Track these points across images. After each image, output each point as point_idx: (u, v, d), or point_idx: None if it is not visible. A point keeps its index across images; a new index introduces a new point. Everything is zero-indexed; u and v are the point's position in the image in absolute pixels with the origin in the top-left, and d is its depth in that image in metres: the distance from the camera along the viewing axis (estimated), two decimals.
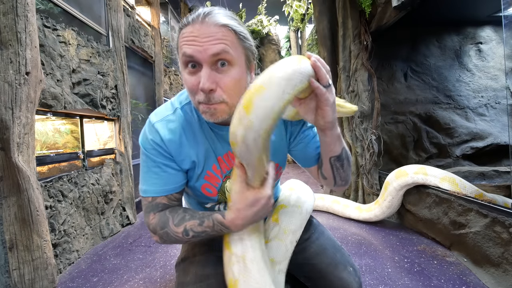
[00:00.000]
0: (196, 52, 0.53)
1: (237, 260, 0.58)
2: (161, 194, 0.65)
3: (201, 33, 0.53)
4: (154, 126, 0.64)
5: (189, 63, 0.55)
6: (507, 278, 1.21)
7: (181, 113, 0.66)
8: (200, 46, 0.52)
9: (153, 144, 0.63)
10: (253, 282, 0.56)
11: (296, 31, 6.89)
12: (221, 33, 0.53)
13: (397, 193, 1.90)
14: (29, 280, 1.26)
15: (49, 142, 1.96)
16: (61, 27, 1.75)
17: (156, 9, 3.80)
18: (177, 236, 0.61)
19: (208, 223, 0.60)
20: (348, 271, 0.72)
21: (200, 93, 0.55)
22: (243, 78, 0.58)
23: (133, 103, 2.94)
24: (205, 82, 0.53)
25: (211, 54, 0.53)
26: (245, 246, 0.60)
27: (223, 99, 0.56)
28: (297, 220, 0.77)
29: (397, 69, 3.09)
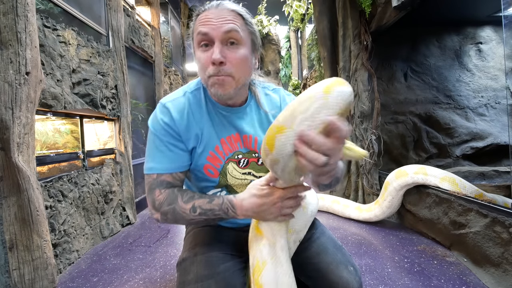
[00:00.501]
0: (210, 30, 0.61)
1: (268, 244, 0.59)
2: (167, 172, 0.67)
3: (215, 15, 0.62)
4: (165, 105, 0.70)
5: (202, 42, 0.63)
6: (507, 278, 1.21)
7: (190, 95, 0.73)
8: (213, 25, 0.61)
9: (162, 123, 0.68)
10: (280, 268, 0.57)
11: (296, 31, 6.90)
12: (231, 16, 0.63)
13: (397, 193, 1.90)
14: (29, 280, 1.26)
15: (49, 142, 1.96)
16: (61, 27, 1.75)
17: (156, 9, 3.80)
18: (184, 213, 0.63)
19: (217, 201, 0.62)
20: (349, 271, 0.72)
21: (211, 66, 0.62)
22: (248, 58, 0.66)
23: (133, 103, 2.94)
24: (217, 54, 0.60)
25: (223, 31, 0.61)
26: (275, 234, 0.61)
27: (231, 72, 0.63)
28: (302, 220, 0.77)
29: (397, 69, 3.09)
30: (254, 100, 0.79)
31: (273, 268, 0.56)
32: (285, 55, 7.72)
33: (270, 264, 0.57)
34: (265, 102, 0.79)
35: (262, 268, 0.57)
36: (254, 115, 0.77)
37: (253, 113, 0.77)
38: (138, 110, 3.18)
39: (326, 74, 2.95)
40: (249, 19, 0.67)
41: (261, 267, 0.57)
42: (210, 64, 0.62)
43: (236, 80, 0.65)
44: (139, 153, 3.03)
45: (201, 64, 0.64)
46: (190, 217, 0.63)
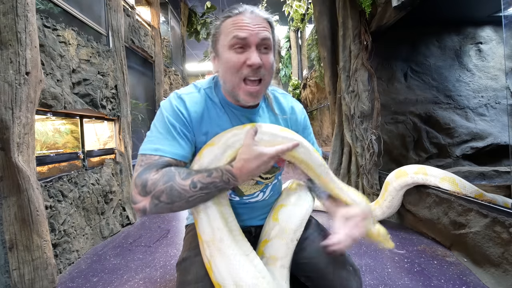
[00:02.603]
0: (249, 35, 0.64)
1: (207, 246, 0.63)
2: (172, 156, 0.64)
3: (252, 21, 0.65)
4: (181, 96, 0.71)
5: (238, 45, 0.64)
6: (507, 278, 1.21)
7: (205, 93, 0.74)
8: (252, 30, 0.64)
9: (176, 109, 0.68)
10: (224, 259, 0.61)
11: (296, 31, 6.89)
12: (265, 23, 0.67)
13: (397, 193, 1.90)
14: (29, 280, 1.26)
15: (49, 142, 1.96)
16: (61, 27, 1.75)
17: (156, 9, 3.80)
18: (183, 189, 0.59)
19: (216, 174, 0.62)
20: (348, 271, 0.72)
21: (247, 68, 0.64)
22: (274, 63, 0.70)
23: (133, 103, 2.94)
24: (257, 58, 0.64)
25: (260, 38, 0.65)
26: (212, 230, 0.64)
27: (264, 75, 0.67)
28: (297, 219, 0.77)
29: (397, 69, 3.09)
30: (266, 103, 0.80)
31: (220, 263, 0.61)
32: (285, 55, 7.71)
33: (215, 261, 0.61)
34: (275, 105, 0.81)
35: (210, 267, 0.62)
36: (267, 117, 0.79)
37: (265, 115, 0.79)
38: (138, 110, 3.18)
39: (326, 74, 2.95)
40: (274, 27, 0.71)
41: (210, 267, 0.62)
42: (245, 66, 0.64)
43: (265, 84, 0.69)
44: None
45: (234, 65, 0.65)
46: (190, 194, 0.59)
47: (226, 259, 0.61)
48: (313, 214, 0.88)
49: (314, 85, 4.93)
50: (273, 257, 0.70)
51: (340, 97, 2.65)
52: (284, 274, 0.70)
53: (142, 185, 0.59)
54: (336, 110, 2.80)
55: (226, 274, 0.60)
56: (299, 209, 0.80)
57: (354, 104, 2.48)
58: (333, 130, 2.84)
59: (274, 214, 0.79)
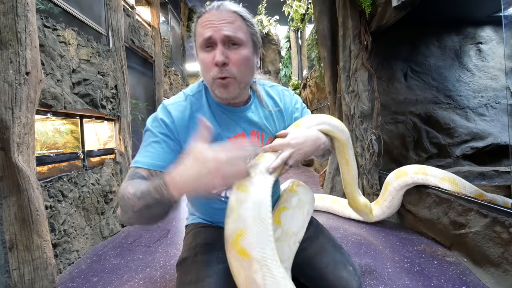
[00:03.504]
0: (212, 32, 0.62)
1: (260, 267, 0.52)
2: (146, 167, 0.65)
3: (216, 17, 0.63)
4: (166, 107, 0.71)
5: (205, 44, 0.64)
6: (507, 278, 1.21)
7: (192, 99, 0.74)
8: (215, 27, 0.62)
9: (161, 122, 0.69)
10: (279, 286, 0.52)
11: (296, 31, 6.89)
12: (232, 17, 0.64)
13: (397, 193, 1.90)
14: (29, 280, 1.26)
15: (49, 142, 1.96)
16: (61, 27, 1.75)
17: (156, 9, 3.80)
18: (128, 198, 0.55)
19: (153, 182, 0.54)
20: (348, 271, 0.73)
21: (214, 68, 0.63)
22: (250, 58, 0.67)
23: (133, 103, 2.94)
24: (219, 56, 0.62)
25: (224, 34, 0.62)
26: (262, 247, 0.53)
27: (234, 72, 0.64)
28: (299, 221, 0.78)
29: (397, 69, 3.09)
30: (257, 99, 0.80)
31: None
32: (285, 55, 7.71)
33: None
34: (267, 100, 0.81)
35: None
36: (259, 113, 0.78)
37: (258, 110, 0.78)
38: (138, 110, 3.18)
39: (326, 74, 2.94)
40: (249, 19, 0.68)
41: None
42: (214, 65, 0.63)
43: (238, 80, 0.66)
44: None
45: (205, 66, 0.65)
46: (132, 203, 0.54)
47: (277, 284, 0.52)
48: (313, 214, 0.88)
49: (314, 85, 4.93)
50: None
51: (340, 97, 2.65)
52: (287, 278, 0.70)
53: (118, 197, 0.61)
54: (336, 110, 2.80)
55: None
56: (300, 211, 0.80)
57: (354, 104, 2.48)
58: None
59: (276, 216, 0.80)
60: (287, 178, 1.06)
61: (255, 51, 0.71)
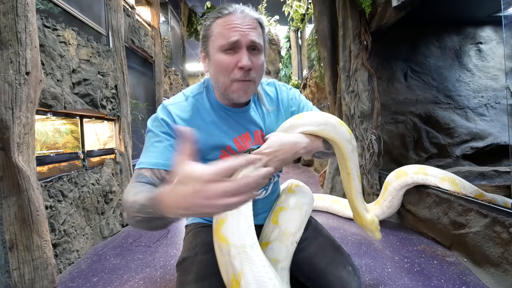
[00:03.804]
0: (240, 36, 0.63)
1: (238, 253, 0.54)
2: (149, 166, 0.64)
3: (242, 21, 0.64)
4: (167, 107, 0.71)
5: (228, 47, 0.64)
6: (507, 278, 1.21)
7: (193, 100, 0.73)
8: (243, 31, 0.63)
9: (162, 122, 0.68)
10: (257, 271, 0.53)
11: (296, 31, 6.90)
12: (255, 24, 0.66)
13: (397, 193, 1.90)
14: (29, 280, 1.26)
15: (49, 142, 1.96)
16: (61, 27, 1.75)
17: (156, 9, 3.80)
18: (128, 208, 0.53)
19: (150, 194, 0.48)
20: (348, 271, 0.73)
21: (237, 71, 0.64)
22: (264, 64, 0.70)
23: (133, 103, 2.94)
24: (247, 61, 0.63)
25: (250, 40, 0.64)
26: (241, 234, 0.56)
27: (255, 77, 0.67)
28: (297, 222, 0.78)
29: (397, 69, 3.09)
30: (256, 98, 0.81)
31: (251, 277, 0.52)
32: (285, 55, 7.71)
33: (247, 273, 0.53)
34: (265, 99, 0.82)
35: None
36: (259, 112, 0.79)
37: (257, 110, 0.79)
38: (138, 110, 3.18)
39: (326, 74, 2.95)
40: (265, 27, 0.71)
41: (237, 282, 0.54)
42: (236, 68, 0.64)
43: (256, 84, 0.69)
44: (139, 153, 3.01)
45: (224, 68, 0.64)
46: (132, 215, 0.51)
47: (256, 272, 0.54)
48: (313, 214, 0.88)
49: (314, 85, 4.93)
50: (274, 259, 0.71)
51: (340, 97, 2.65)
52: (284, 276, 0.70)
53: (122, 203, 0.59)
54: (336, 110, 2.80)
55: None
56: (298, 212, 0.80)
57: (354, 104, 2.48)
58: None
59: (274, 216, 0.80)
60: (287, 178, 1.06)
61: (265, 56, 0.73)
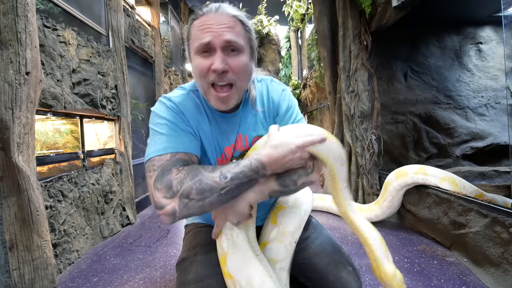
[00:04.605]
0: (212, 37, 0.59)
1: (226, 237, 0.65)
2: (183, 150, 0.61)
3: (215, 21, 0.59)
4: (171, 99, 0.68)
5: (201, 49, 0.60)
6: (507, 278, 1.21)
7: (194, 95, 0.71)
8: (215, 32, 0.59)
9: (172, 109, 0.66)
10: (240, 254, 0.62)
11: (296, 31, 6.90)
12: (232, 22, 0.61)
13: (397, 193, 1.90)
14: (29, 280, 1.26)
15: (49, 142, 1.96)
16: (61, 27, 1.75)
17: (156, 9, 3.80)
18: (213, 182, 0.55)
19: (244, 163, 0.57)
20: (348, 271, 0.72)
21: (212, 74, 0.60)
22: (249, 65, 0.64)
23: (133, 103, 2.94)
24: (219, 63, 0.59)
25: (224, 40, 0.59)
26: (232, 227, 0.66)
27: (233, 80, 0.62)
28: (296, 221, 0.77)
29: (397, 69, 3.09)
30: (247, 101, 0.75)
31: (234, 257, 0.62)
32: (285, 55, 7.71)
33: (230, 254, 0.63)
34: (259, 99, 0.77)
35: (225, 259, 0.63)
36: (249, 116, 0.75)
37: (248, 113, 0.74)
38: (138, 110, 3.18)
39: (326, 74, 2.95)
40: (248, 24, 0.65)
41: (224, 258, 0.63)
42: (211, 71, 0.60)
43: (237, 88, 0.64)
44: (139, 153, 3.03)
45: (200, 71, 0.61)
46: (221, 186, 0.55)
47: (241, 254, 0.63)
48: (313, 214, 0.88)
49: (314, 85, 4.93)
50: (273, 259, 0.70)
51: (340, 97, 2.65)
52: (283, 276, 0.70)
53: (167, 187, 0.55)
54: (336, 110, 2.80)
55: (239, 267, 0.61)
56: (297, 211, 0.80)
57: (354, 104, 2.48)
58: (333, 130, 2.84)
59: (273, 216, 0.79)
60: None
61: (252, 56, 0.67)
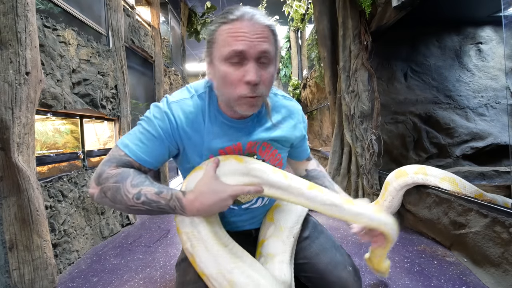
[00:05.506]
0: (247, 48, 0.56)
1: (187, 238, 0.61)
2: (137, 160, 0.62)
3: (250, 30, 0.56)
4: (170, 104, 0.66)
5: (233, 58, 0.57)
6: (507, 278, 1.21)
7: (198, 100, 0.68)
8: (250, 42, 0.56)
9: (165, 116, 0.65)
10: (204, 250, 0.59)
11: (296, 31, 6.89)
12: (266, 32, 0.58)
13: (397, 193, 1.90)
14: (29, 280, 1.26)
15: (49, 142, 1.96)
16: (61, 27, 1.75)
17: (156, 9, 3.80)
18: (126, 196, 0.57)
19: (165, 195, 0.57)
20: (348, 271, 0.72)
21: (243, 86, 0.58)
22: (274, 75, 0.63)
23: (133, 103, 2.94)
24: (254, 75, 0.56)
25: (259, 51, 0.57)
26: (194, 224, 0.62)
27: (262, 92, 0.60)
28: (292, 217, 0.78)
29: (397, 69, 3.09)
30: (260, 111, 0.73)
31: (200, 254, 0.60)
32: (285, 55, 7.70)
33: (196, 253, 0.60)
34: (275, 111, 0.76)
35: (194, 260, 0.61)
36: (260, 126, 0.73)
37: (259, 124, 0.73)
38: (138, 110, 3.18)
39: (326, 74, 2.95)
40: (277, 34, 0.63)
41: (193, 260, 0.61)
42: (242, 83, 0.57)
43: (263, 99, 0.63)
44: None
45: (229, 81, 0.58)
46: (131, 203, 0.57)
47: (206, 250, 0.60)
48: (313, 214, 0.88)
49: (314, 85, 4.93)
50: (270, 254, 0.70)
51: (340, 97, 2.65)
52: (284, 269, 0.68)
53: (98, 175, 0.60)
54: (336, 110, 2.80)
55: (207, 262, 0.59)
56: (293, 207, 0.80)
57: (354, 104, 2.48)
58: (333, 130, 2.84)
59: (269, 214, 0.80)
60: None
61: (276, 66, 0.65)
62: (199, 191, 0.58)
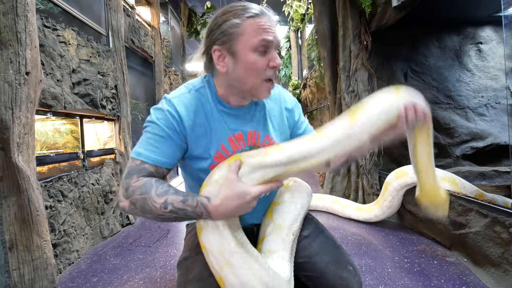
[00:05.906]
0: (273, 38, 0.66)
1: (214, 257, 0.61)
2: (152, 163, 0.65)
3: (271, 24, 0.67)
4: (171, 100, 0.70)
5: (262, 47, 0.65)
6: (507, 278, 1.21)
7: (195, 94, 0.72)
8: (273, 33, 0.67)
9: (168, 114, 0.67)
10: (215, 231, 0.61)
11: (296, 31, 6.90)
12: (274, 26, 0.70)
13: (397, 193, 1.90)
14: (29, 280, 1.26)
15: (49, 142, 1.96)
16: (61, 27, 1.75)
17: (156, 9, 3.80)
18: (154, 206, 0.60)
19: (191, 202, 0.60)
20: (348, 270, 0.72)
21: (270, 70, 0.67)
22: None
23: (133, 103, 2.94)
24: (279, 61, 0.68)
25: (278, 41, 0.70)
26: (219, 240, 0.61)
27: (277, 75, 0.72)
28: (292, 215, 0.78)
29: (397, 69, 3.09)
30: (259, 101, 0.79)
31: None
32: (285, 55, 7.71)
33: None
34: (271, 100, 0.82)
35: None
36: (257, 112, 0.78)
37: (257, 110, 0.78)
38: (138, 110, 3.18)
39: (326, 74, 2.95)
40: None
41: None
42: (270, 68, 0.67)
43: None
44: None
45: (257, 68, 0.66)
46: (159, 213, 0.60)
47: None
48: (313, 214, 0.88)
49: (314, 85, 4.93)
50: (269, 250, 0.71)
51: (340, 97, 2.65)
52: (283, 265, 0.68)
53: (124, 189, 0.63)
54: (336, 110, 2.80)
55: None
56: (293, 205, 0.80)
57: (354, 104, 2.48)
58: None
59: (269, 212, 0.80)
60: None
61: None
62: (224, 196, 0.59)
